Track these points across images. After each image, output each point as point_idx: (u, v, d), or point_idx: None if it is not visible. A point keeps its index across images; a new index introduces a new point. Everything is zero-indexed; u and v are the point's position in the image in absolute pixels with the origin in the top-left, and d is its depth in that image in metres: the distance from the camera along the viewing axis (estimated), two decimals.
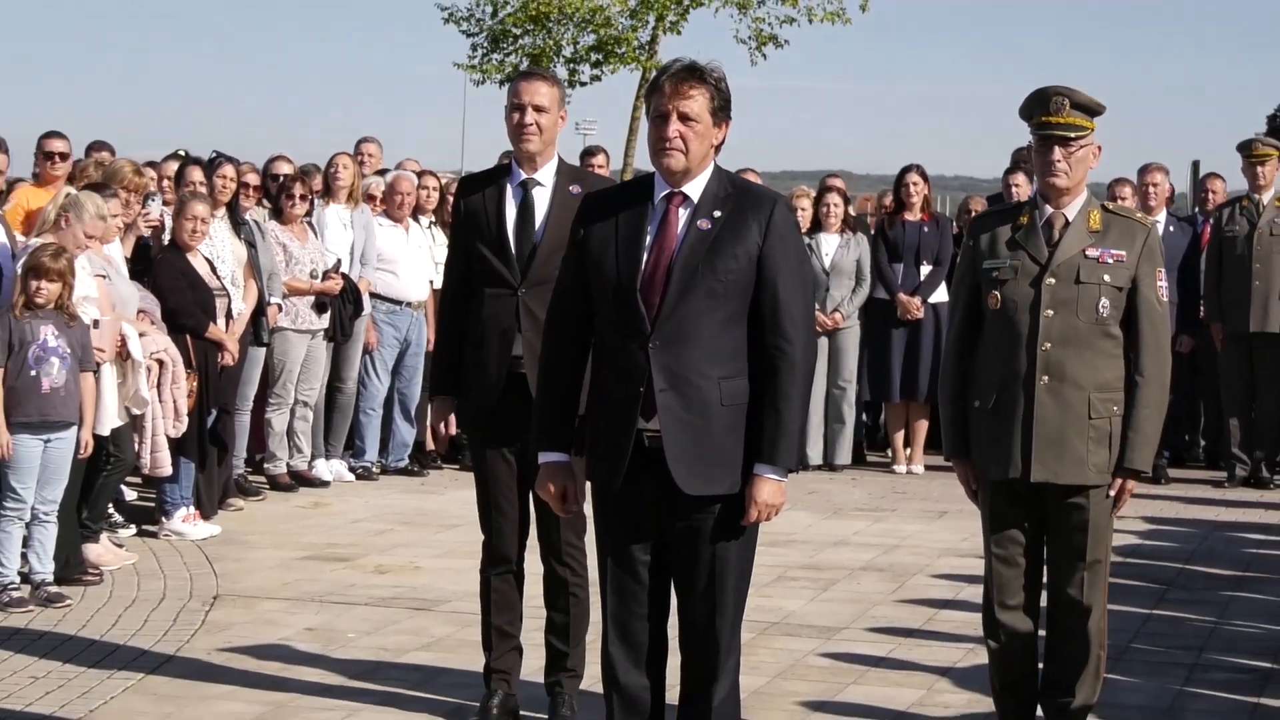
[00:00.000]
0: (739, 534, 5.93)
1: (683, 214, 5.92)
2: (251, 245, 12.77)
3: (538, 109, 7.48)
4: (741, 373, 5.87)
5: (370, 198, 14.54)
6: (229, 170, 13.04)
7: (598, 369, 6.04)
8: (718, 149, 6.00)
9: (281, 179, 13.76)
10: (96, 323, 10.24)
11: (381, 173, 15.30)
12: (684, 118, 5.84)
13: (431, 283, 14.26)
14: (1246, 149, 14.70)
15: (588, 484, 6.16)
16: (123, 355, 10.68)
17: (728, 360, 5.86)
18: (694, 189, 5.93)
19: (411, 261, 14.46)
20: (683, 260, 5.84)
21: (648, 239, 5.91)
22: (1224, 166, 16.23)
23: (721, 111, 5.92)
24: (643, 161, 22.65)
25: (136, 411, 10.87)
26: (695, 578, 5.94)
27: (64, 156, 12.10)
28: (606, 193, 6.42)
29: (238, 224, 12.84)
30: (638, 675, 6.05)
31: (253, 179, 13.35)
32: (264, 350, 13.10)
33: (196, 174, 13.02)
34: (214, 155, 13.49)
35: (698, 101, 5.84)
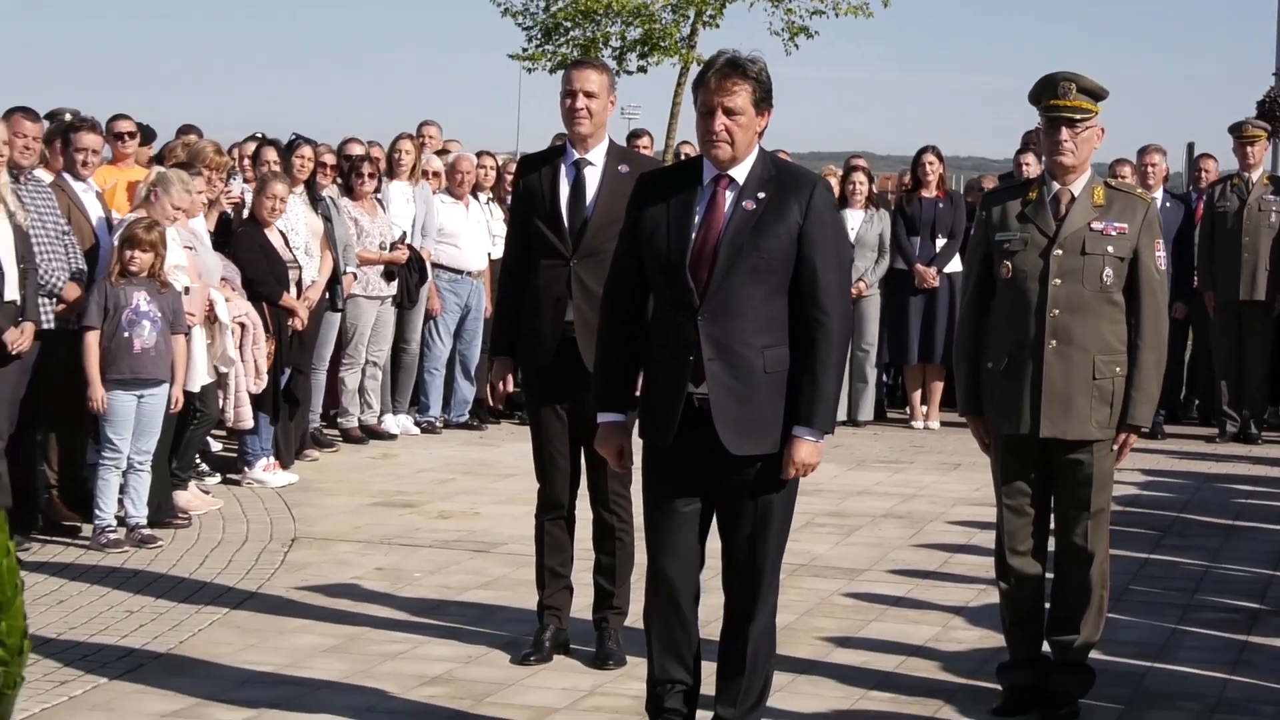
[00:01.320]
0: (780, 488, 5.92)
1: (729, 195, 5.86)
2: (328, 219, 12.80)
3: (588, 95, 7.47)
4: (783, 341, 5.84)
5: (427, 173, 14.51)
6: (306, 151, 13.07)
7: (651, 337, 6.00)
8: (761, 134, 5.94)
9: (352, 159, 13.76)
10: (188, 289, 10.29)
11: (442, 152, 15.28)
12: (729, 112, 5.78)
13: (489, 254, 14.30)
14: (1237, 131, 14.64)
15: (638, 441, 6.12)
16: (210, 318, 10.73)
17: (770, 330, 5.82)
18: (739, 172, 5.87)
19: (471, 235, 14.46)
20: (729, 239, 5.80)
21: (696, 218, 5.85)
22: (1216, 147, 16.18)
23: (764, 101, 5.85)
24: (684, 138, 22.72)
25: (224, 370, 10.92)
26: (739, 527, 5.92)
27: (131, 135, 12.11)
28: (660, 174, 6.34)
29: (315, 200, 12.86)
30: (676, 615, 6.00)
31: (329, 159, 13.38)
32: (339, 315, 13.14)
33: (271, 154, 13.06)
34: (293, 137, 13.52)
35: (741, 96, 5.78)
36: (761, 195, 5.84)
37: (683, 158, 16.87)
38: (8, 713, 4.29)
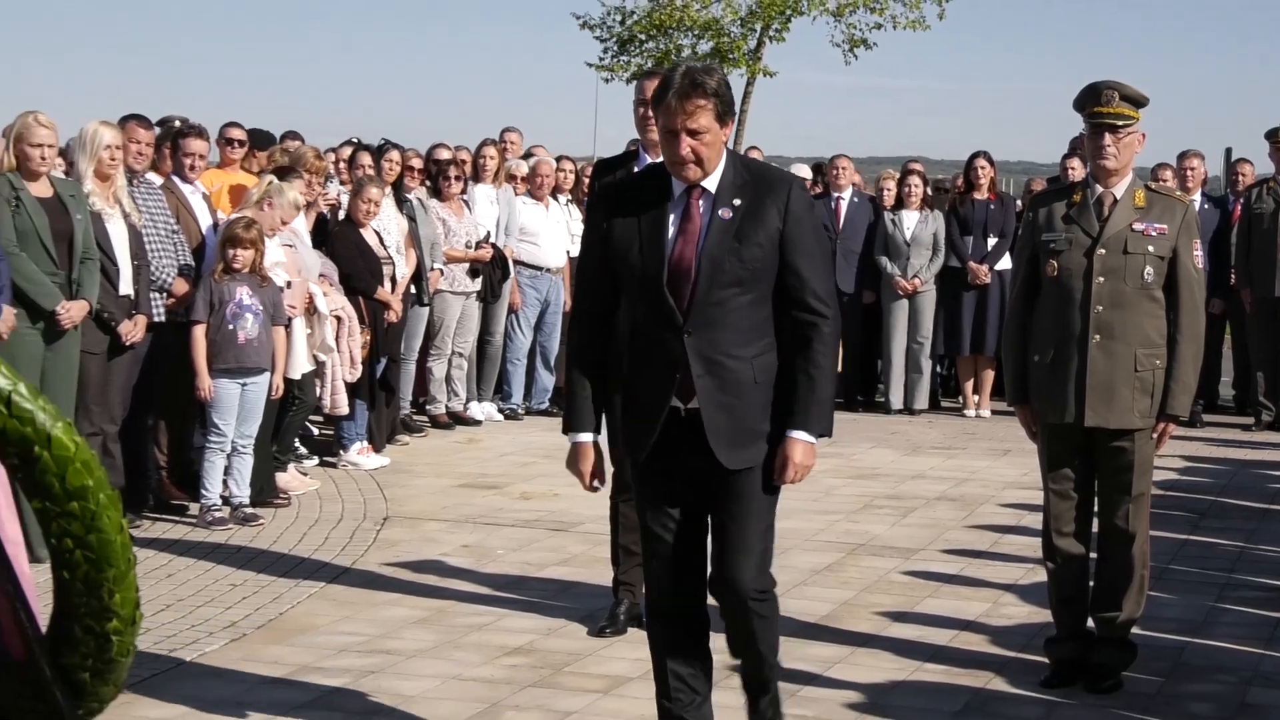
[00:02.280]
0: (767, 493, 5.43)
1: (703, 205, 5.31)
2: (412, 219, 12.84)
3: (734, 117, 7.44)
4: (771, 348, 5.35)
5: (511, 177, 14.56)
6: (394, 155, 13.13)
7: (633, 351, 5.46)
8: (726, 141, 5.39)
9: (440, 163, 13.81)
10: (289, 283, 10.36)
11: (525, 156, 15.30)
12: (693, 133, 5.21)
13: (568, 252, 14.31)
14: (1273, 136, 14.50)
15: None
16: (310, 310, 10.79)
17: (757, 339, 5.32)
18: (710, 181, 5.32)
19: (551, 233, 14.49)
20: (709, 252, 5.25)
21: (670, 232, 5.31)
22: (1253, 152, 16.08)
23: (726, 113, 5.28)
24: (751, 141, 22.65)
25: (323, 358, 10.98)
26: (726, 531, 5.42)
27: (241, 143, 12.18)
28: (623, 184, 5.83)
29: (400, 201, 12.90)
30: (682, 621, 5.58)
31: (417, 163, 13.42)
32: (426, 309, 13.18)
33: (366, 159, 13.11)
34: (382, 142, 13.57)
35: (704, 115, 5.20)
36: (737, 202, 5.31)
37: None
38: (121, 679, 4.31)
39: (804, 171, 16.36)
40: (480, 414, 14.13)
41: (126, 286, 9.47)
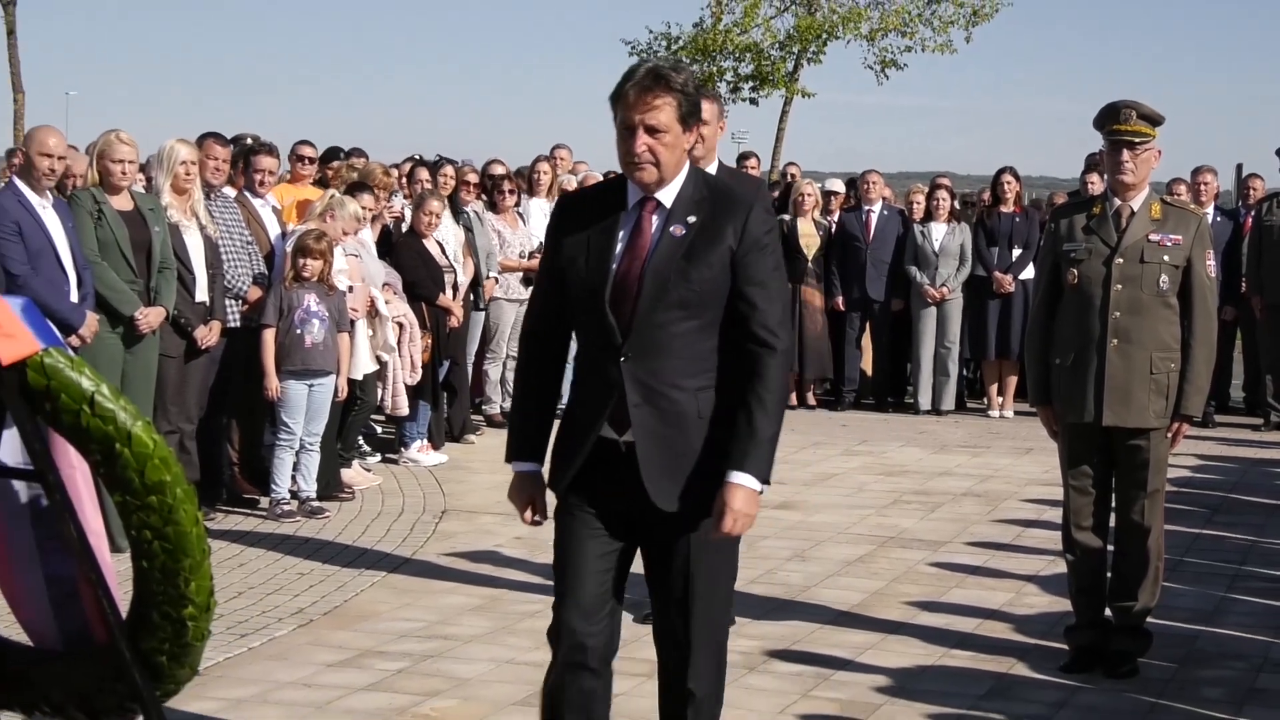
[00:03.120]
0: (718, 545, 4.62)
1: (655, 220, 4.56)
2: (469, 230, 12.86)
3: (700, 124, 7.42)
4: (715, 382, 4.56)
5: (563, 190, 14.60)
6: (449, 169, 13.16)
7: (578, 373, 4.77)
8: (690, 150, 4.65)
9: (495, 178, 13.84)
10: (351, 288, 10.41)
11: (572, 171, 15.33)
12: (651, 130, 4.47)
13: None
14: None
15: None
16: (372, 313, 10.84)
17: (703, 370, 4.53)
18: (667, 195, 4.57)
19: None
20: (654, 269, 4.49)
21: (618, 247, 4.54)
22: (1263, 168, 15.94)
23: (691, 116, 4.55)
24: (788, 158, 22.63)
25: (385, 357, 11.01)
26: (670, 589, 4.69)
27: (311, 160, 12.22)
28: (581, 196, 5.04)
29: (457, 213, 12.93)
30: (582, 677, 4.84)
31: (472, 178, 13.44)
32: (483, 314, 13.21)
33: (424, 173, 13.15)
34: (436, 157, 13.62)
35: (665, 112, 4.47)
36: (692, 219, 4.54)
37: (789, 179, 16.81)
38: (196, 661, 4.33)
39: (838, 186, 16.32)
40: None
41: (202, 294, 9.53)
